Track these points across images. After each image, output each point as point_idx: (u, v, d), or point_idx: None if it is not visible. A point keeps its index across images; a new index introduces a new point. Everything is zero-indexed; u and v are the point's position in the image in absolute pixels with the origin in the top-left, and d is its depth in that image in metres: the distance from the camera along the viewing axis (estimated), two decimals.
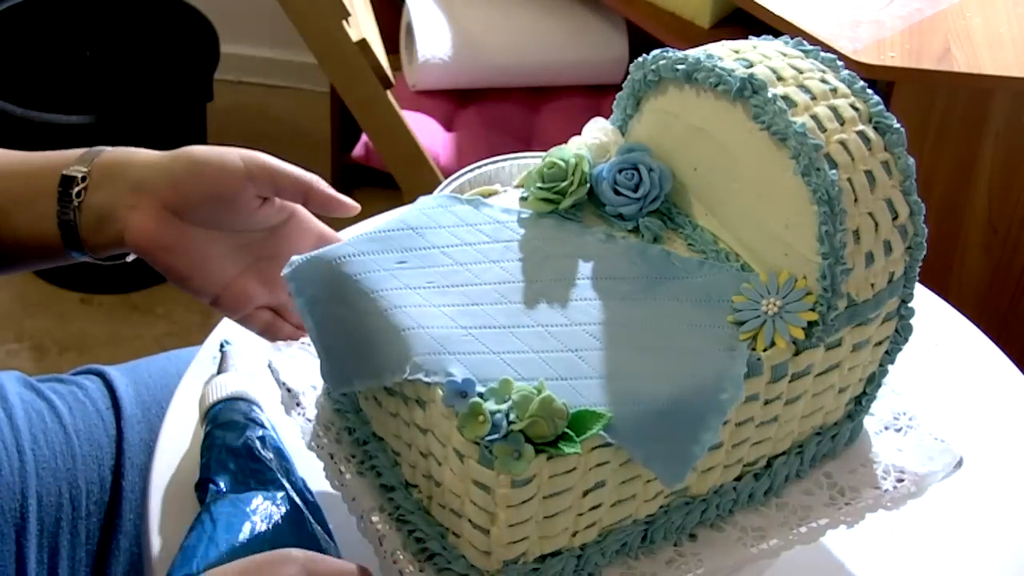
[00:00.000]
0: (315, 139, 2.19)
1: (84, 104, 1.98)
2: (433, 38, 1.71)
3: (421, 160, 1.52)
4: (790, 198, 0.69)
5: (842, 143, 0.69)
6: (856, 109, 0.70)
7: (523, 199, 0.77)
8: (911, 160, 0.70)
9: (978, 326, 0.97)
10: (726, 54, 0.73)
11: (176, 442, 0.84)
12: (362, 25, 1.42)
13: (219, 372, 0.85)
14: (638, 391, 0.66)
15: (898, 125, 0.71)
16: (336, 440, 0.77)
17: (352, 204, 0.80)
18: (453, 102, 1.75)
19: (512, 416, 0.63)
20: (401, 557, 0.72)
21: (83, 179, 0.77)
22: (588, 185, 0.77)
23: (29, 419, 0.91)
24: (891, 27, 1.36)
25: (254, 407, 0.82)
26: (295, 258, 0.72)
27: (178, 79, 1.98)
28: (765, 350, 0.68)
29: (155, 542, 0.78)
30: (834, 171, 0.68)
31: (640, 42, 1.70)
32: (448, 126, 1.72)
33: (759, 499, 0.76)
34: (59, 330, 1.94)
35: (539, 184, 0.77)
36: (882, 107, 0.71)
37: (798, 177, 0.68)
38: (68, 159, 0.78)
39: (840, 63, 0.73)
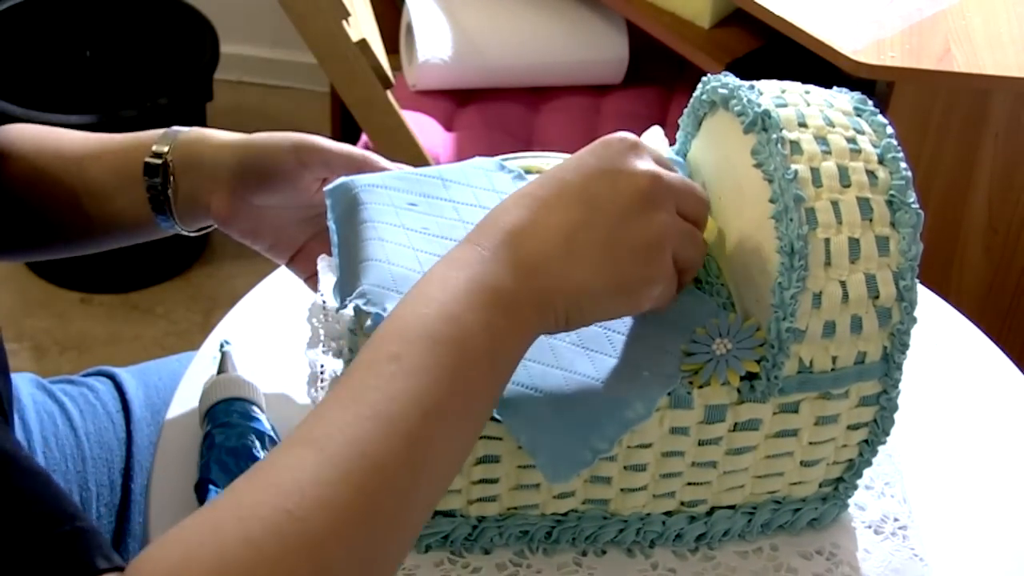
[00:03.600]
0: None
1: (84, 104, 1.98)
2: (433, 38, 1.71)
3: (421, 160, 1.52)
4: (766, 243, 0.68)
5: (834, 203, 0.67)
6: (874, 177, 0.68)
7: None
8: (919, 245, 0.67)
9: (978, 326, 0.97)
10: (770, 90, 0.72)
11: (176, 442, 0.84)
12: (362, 25, 1.42)
13: (219, 372, 0.85)
14: (548, 380, 0.67)
15: (917, 207, 0.67)
16: (349, 362, 0.82)
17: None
18: (453, 102, 1.75)
19: None
20: None
21: (164, 166, 0.82)
22: None
23: (41, 421, 0.91)
24: (891, 27, 1.36)
25: (254, 407, 0.82)
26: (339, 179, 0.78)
27: (178, 79, 1.98)
28: (700, 387, 0.69)
29: None
30: (808, 227, 0.66)
31: (640, 42, 1.70)
32: (448, 126, 1.72)
33: (687, 542, 0.75)
34: (59, 330, 1.94)
35: None
36: (907, 183, 0.68)
37: (772, 222, 0.67)
38: (147, 143, 0.84)
39: (890, 130, 0.70)
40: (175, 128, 0.85)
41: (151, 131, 0.85)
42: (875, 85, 1.37)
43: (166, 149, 0.83)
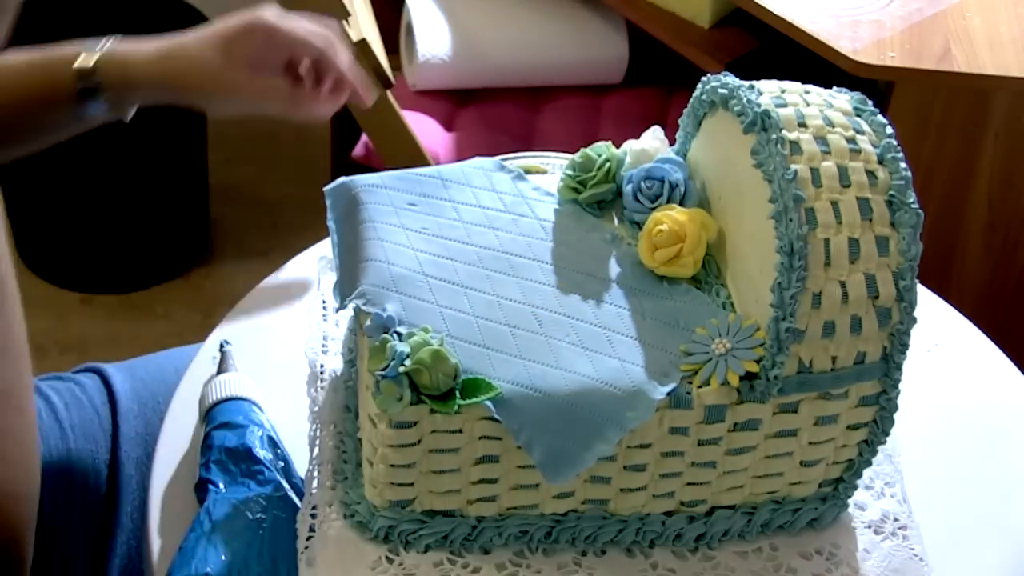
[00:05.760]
0: (315, 139, 2.19)
1: None
2: (433, 38, 1.71)
3: (421, 160, 1.52)
4: (765, 244, 0.68)
5: (834, 204, 0.67)
6: (874, 177, 0.68)
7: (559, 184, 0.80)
8: (918, 245, 0.67)
9: (978, 326, 0.97)
10: (770, 90, 0.72)
11: (176, 442, 0.84)
12: (362, 25, 1.42)
13: (219, 372, 0.85)
14: (548, 380, 0.68)
15: (916, 207, 0.67)
16: (349, 362, 0.82)
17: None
18: (453, 102, 1.75)
19: (406, 360, 0.65)
20: (319, 471, 0.76)
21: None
22: (614, 184, 0.78)
23: None
24: (891, 27, 1.36)
25: (254, 407, 0.82)
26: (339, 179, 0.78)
27: None
28: (700, 387, 0.69)
29: (155, 543, 0.78)
30: (808, 227, 0.66)
31: (640, 42, 1.70)
32: (448, 126, 1.72)
33: (687, 542, 0.76)
34: (59, 330, 1.94)
35: (569, 172, 0.79)
36: (906, 183, 0.68)
37: (772, 222, 0.68)
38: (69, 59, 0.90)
39: (889, 130, 0.70)
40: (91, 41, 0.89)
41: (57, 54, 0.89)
42: (875, 85, 1.37)
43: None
